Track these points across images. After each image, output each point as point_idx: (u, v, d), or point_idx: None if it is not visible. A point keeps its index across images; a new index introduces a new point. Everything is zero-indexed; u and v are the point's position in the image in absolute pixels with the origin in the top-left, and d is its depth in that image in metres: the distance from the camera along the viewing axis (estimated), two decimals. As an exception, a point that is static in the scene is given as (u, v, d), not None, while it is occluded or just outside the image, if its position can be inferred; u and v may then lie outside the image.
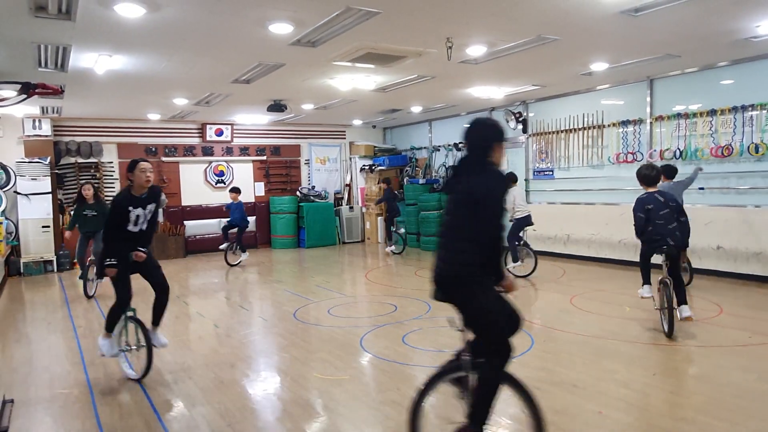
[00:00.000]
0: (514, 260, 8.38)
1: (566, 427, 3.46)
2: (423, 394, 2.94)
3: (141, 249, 4.51)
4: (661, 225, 5.27)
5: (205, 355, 5.15)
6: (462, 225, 2.77)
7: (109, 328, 4.53)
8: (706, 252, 8.11)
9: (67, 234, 8.77)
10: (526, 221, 8.30)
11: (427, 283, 6.37)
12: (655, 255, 5.42)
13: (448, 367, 2.97)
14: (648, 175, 5.58)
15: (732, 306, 6.32)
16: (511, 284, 3.06)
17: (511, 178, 8.53)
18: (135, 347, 4.60)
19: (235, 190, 10.84)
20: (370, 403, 3.95)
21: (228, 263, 10.76)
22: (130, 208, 4.41)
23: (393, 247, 11.73)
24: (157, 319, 4.69)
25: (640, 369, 4.43)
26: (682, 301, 5.18)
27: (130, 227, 4.45)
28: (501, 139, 2.85)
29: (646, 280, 5.61)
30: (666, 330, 5.21)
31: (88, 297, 7.92)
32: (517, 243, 8.39)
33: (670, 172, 6.85)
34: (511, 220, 8.25)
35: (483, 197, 2.72)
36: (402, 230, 11.85)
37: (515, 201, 8.26)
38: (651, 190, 5.54)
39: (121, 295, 4.44)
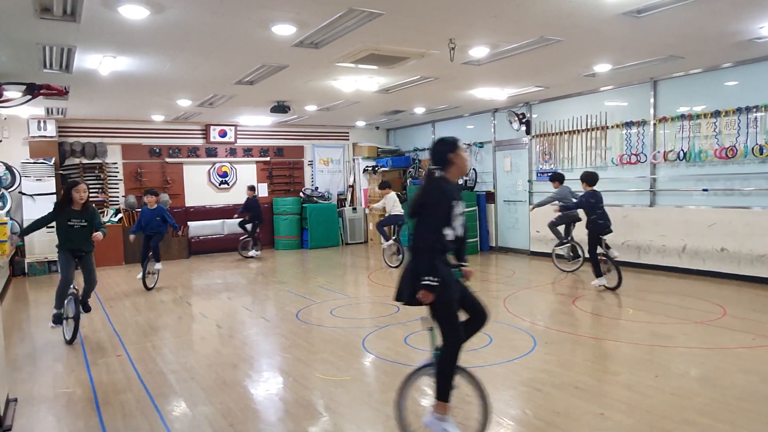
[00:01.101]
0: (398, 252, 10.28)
1: (568, 428, 3.46)
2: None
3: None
4: (602, 214, 7.27)
5: (208, 356, 5.17)
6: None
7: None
8: (710, 254, 8.09)
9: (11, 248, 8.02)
10: (398, 218, 10.24)
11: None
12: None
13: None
14: (593, 178, 7.47)
15: (735, 308, 6.30)
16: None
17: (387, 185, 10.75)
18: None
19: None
20: (372, 404, 3.96)
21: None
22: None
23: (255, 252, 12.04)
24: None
25: (642, 371, 4.42)
26: (599, 273, 7.35)
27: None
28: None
29: (599, 273, 7.35)
30: (615, 285, 7.26)
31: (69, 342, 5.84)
32: (394, 239, 10.29)
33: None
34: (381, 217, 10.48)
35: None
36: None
37: (389, 203, 10.33)
38: (592, 189, 7.40)
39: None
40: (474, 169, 12.38)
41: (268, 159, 13.88)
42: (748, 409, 3.66)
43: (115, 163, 12.07)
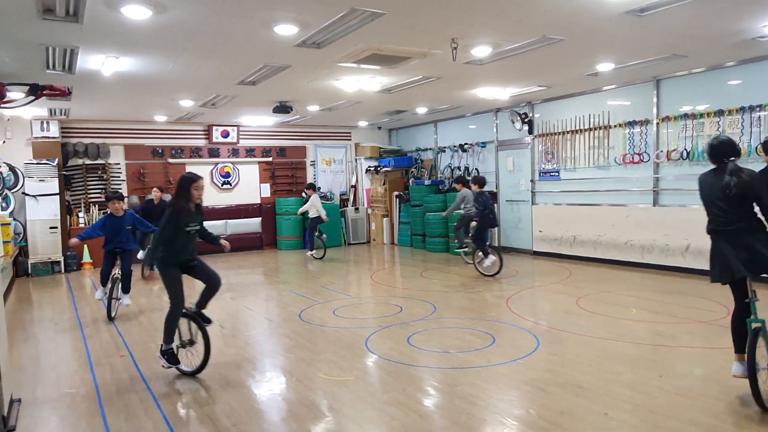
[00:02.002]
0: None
1: (572, 428, 3.45)
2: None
3: None
4: (492, 210, 8.91)
5: (211, 356, 5.15)
6: None
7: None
8: (714, 253, 8.05)
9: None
10: (318, 220, 11.45)
11: (433, 284, 6.38)
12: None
13: None
14: (482, 181, 8.99)
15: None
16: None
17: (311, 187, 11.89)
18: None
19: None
20: (375, 404, 3.95)
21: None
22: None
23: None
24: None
25: (646, 370, 4.41)
26: (487, 253, 8.70)
27: None
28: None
29: (486, 254, 8.70)
30: (496, 271, 8.59)
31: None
32: (317, 234, 11.63)
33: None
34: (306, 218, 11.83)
35: None
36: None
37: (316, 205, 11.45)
38: (481, 190, 8.85)
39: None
40: (477, 169, 12.38)
41: (270, 159, 13.89)
42: (752, 410, 3.64)
43: (118, 164, 12.09)
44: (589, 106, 9.91)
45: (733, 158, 3.74)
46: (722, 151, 3.79)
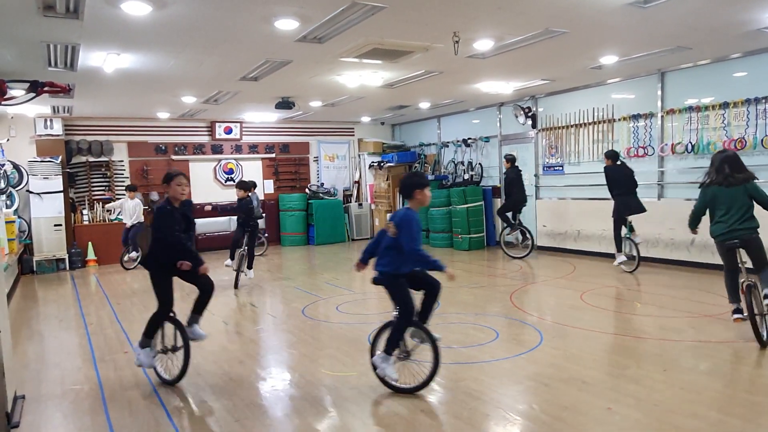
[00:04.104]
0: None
1: (575, 423, 3.43)
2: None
3: None
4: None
5: (215, 352, 5.17)
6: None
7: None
8: (719, 247, 8.00)
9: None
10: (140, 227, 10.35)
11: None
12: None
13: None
14: (248, 185, 8.66)
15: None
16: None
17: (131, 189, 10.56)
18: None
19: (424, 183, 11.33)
20: (378, 400, 3.94)
21: None
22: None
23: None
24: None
25: (650, 365, 4.38)
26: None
27: None
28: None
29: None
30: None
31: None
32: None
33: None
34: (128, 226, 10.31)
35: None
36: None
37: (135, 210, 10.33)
38: (247, 194, 8.51)
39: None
40: (480, 163, 12.34)
41: (273, 155, 13.88)
42: (758, 403, 3.62)
43: (122, 161, 12.11)
44: (593, 99, 9.85)
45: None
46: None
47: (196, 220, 5.32)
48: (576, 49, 7.09)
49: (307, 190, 13.94)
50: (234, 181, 13.38)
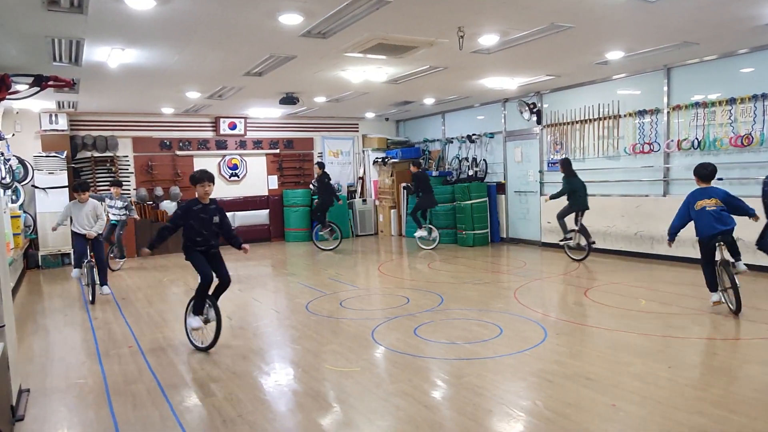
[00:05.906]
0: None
1: (579, 420, 3.42)
2: None
3: None
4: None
5: (218, 347, 5.17)
6: None
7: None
8: (725, 244, 7.95)
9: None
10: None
11: (441, 276, 6.35)
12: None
13: None
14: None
15: (750, 299, 6.18)
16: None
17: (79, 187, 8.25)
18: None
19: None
20: (381, 395, 3.94)
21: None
22: None
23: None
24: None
25: (654, 362, 4.36)
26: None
27: None
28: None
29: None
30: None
31: None
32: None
33: None
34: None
35: None
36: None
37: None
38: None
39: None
40: (484, 159, 12.30)
41: (277, 151, 13.88)
42: (764, 401, 3.60)
43: (126, 156, 12.13)
44: (598, 95, 9.79)
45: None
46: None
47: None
48: (581, 45, 7.05)
49: (311, 186, 13.92)
50: (238, 177, 13.43)
